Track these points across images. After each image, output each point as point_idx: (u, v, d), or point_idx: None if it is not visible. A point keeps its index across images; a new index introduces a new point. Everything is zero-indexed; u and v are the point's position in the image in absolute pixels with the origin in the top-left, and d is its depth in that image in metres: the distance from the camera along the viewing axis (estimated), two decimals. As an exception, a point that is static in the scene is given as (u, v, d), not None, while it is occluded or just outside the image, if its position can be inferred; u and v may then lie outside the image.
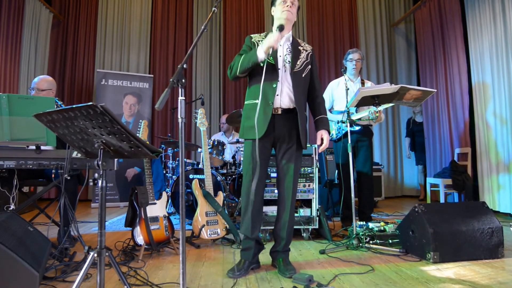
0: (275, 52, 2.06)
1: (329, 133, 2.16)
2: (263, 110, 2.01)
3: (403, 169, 6.23)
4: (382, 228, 2.72)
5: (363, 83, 3.45)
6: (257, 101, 2.02)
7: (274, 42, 1.89)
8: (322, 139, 2.14)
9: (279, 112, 2.05)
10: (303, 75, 2.11)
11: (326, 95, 3.53)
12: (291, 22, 2.10)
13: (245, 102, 2.15)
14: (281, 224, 2.12)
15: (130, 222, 2.49)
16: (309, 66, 2.15)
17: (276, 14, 2.11)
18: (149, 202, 2.49)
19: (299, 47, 2.15)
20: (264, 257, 2.29)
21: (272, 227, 2.84)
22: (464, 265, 2.16)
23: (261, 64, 1.98)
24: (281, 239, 2.12)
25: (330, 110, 3.53)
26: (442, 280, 1.92)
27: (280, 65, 2.07)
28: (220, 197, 2.90)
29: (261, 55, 1.91)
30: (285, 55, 2.09)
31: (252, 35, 2.18)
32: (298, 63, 2.09)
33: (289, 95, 2.05)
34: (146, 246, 2.39)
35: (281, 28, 1.96)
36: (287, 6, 2.03)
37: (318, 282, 1.86)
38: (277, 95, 2.04)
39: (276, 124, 2.06)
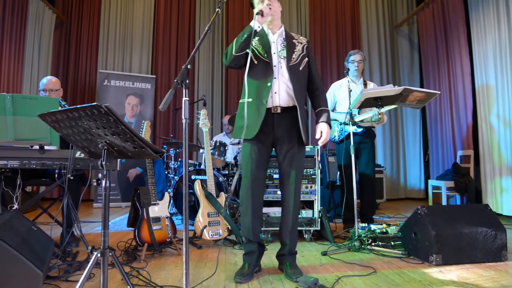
0: (268, 49, 2.03)
1: (330, 126, 2.09)
2: (256, 109, 1.97)
3: (405, 171, 6.21)
4: (384, 230, 2.71)
5: (365, 85, 3.45)
6: (250, 99, 1.99)
7: (264, 8, 1.89)
8: (322, 132, 2.07)
9: (278, 111, 2.01)
10: (300, 68, 2.05)
11: (328, 96, 3.52)
12: (278, 17, 2.05)
13: (240, 101, 2.11)
14: (284, 228, 2.09)
15: (132, 222, 2.49)
16: (306, 59, 2.09)
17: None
18: (152, 202, 2.49)
19: (293, 40, 2.11)
20: (267, 259, 2.29)
21: (274, 228, 2.86)
22: (467, 268, 2.16)
23: (255, 61, 1.97)
24: (285, 243, 2.09)
25: (332, 111, 3.53)
26: (445, 282, 1.91)
27: (275, 62, 2.03)
28: (222, 198, 2.90)
29: (254, 23, 1.88)
30: (279, 50, 2.05)
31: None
32: (293, 56, 2.05)
33: (287, 92, 2.01)
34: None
35: (261, 13, 1.90)
36: (266, 4, 1.96)
37: (322, 285, 1.85)
38: (275, 92, 2.00)
39: (275, 123, 2.02)
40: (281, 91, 2.01)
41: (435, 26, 5.32)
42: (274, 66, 2.02)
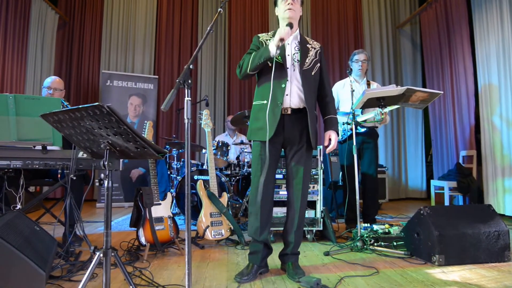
0: (283, 51, 2.03)
1: (337, 133, 2.12)
2: (272, 111, 1.98)
3: (407, 172, 6.19)
4: (386, 230, 2.70)
5: (369, 85, 3.44)
6: (265, 101, 1.99)
7: (285, 35, 1.86)
8: (330, 140, 2.10)
9: (289, 112, 2.02)
10: (312, 73, 2.07)
11: (331, 96, 3.53)
12: (296, 19, 2.06)
13: (254, 103, 2.11)
14: (289, 227, 2.09)
15: (135, 222, 2.50)
16: (318, 64, 2.11)
17: (279, 14, 2.08)
18: (154, 202, 2.50)
19: (308, 45, 2.12)
20: (269, 259, 2.28)
21: (276, 228, 2.86)
22: (469, 268, 2.15)
23: (269, 64, 1.96)
24: (289, 242, 2.09)
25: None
26: (448, 283, 1.91)
27: (288, 64, 2.03)
28: (225, 198, 2.90)
29: (273, 49, 1.86)
30: (294, 54, 2.06)
31: (259, 35, 2.14)
32: (307, 61, 2.06)
33: (298, 94, 2.02)
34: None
35: (290, 25, 1.91)
36: (288, 3, 1.98)
37: (324, 285, 1.85)
38: (286, 95, 2.01)
39: (285, 124, 2.03)
40: (293, 94, 2.02)
41: (438, 26, 5.30)
42: (288, 68, 2.03)
